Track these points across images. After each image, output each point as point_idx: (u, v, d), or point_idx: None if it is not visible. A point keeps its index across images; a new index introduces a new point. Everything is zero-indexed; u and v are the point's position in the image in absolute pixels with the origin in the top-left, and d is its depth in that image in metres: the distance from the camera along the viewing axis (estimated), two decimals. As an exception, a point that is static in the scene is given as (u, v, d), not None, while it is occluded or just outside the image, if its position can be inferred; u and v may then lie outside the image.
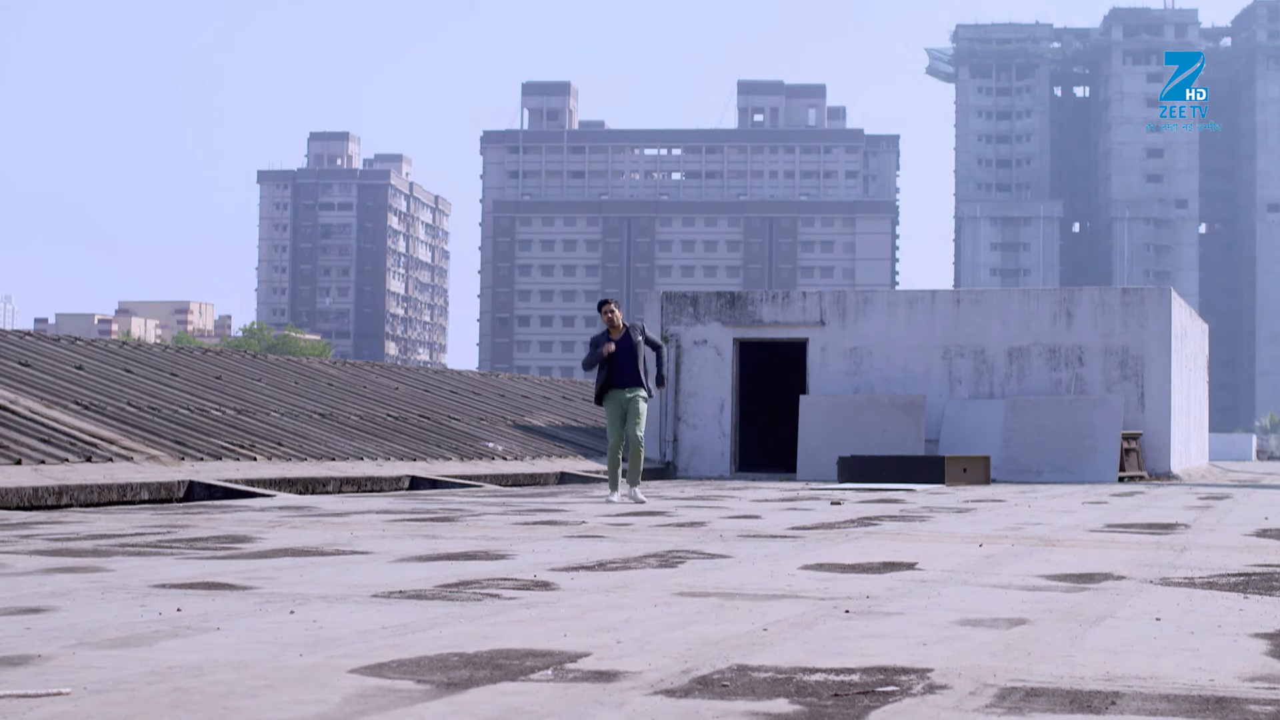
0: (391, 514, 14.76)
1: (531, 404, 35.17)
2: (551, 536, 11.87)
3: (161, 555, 9.56)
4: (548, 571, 8.73)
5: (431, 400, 31.47)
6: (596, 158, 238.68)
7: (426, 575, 8.39)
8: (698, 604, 7.16)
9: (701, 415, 32.02)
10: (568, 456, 28.76)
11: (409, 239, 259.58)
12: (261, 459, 20.89)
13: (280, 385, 28.24)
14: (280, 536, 11.34)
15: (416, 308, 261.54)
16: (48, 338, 27.14)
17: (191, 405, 23.60)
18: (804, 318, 32.36)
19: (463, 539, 11.37)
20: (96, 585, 7.70)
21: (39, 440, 18.37)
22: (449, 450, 25.76)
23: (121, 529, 11.98)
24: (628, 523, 13.88)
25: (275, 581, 7.96)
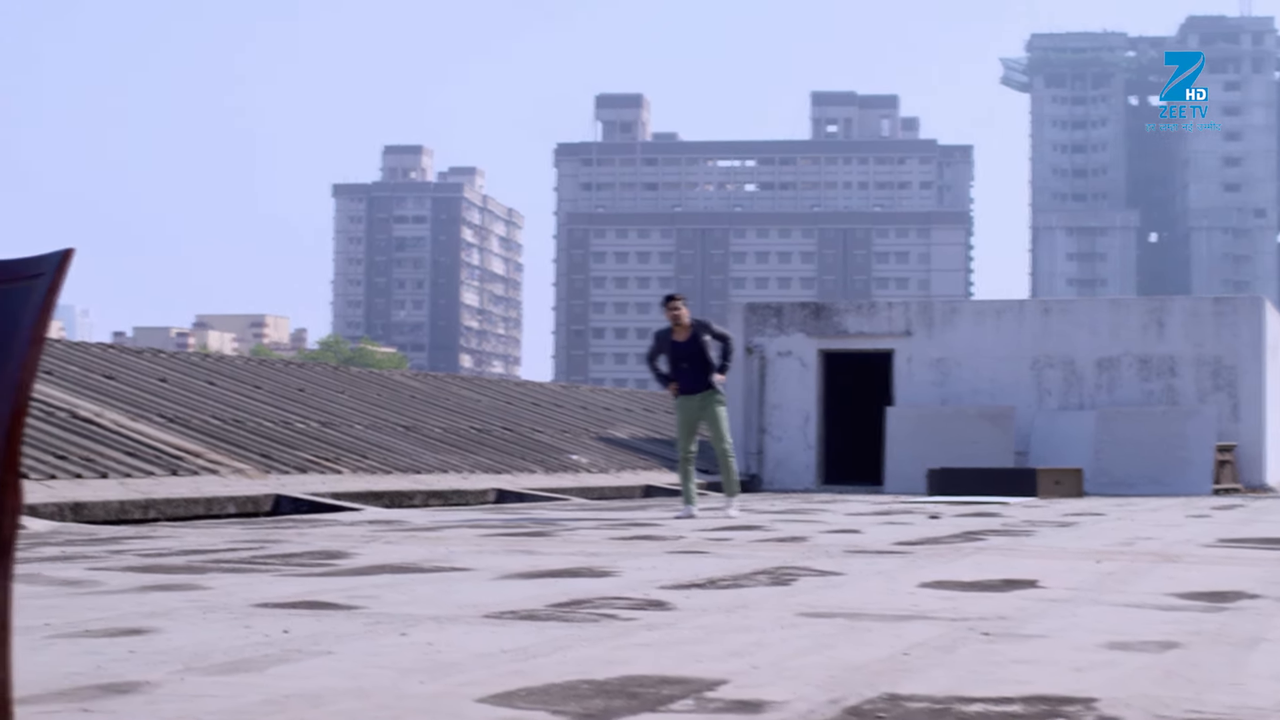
0: (483, 528, 14.48)
1: (613, 416, 34.89)
2: (652, 552, 11.55)
3: (258, 572, 9.30)
4: (659, 589, 8.41)
5: (514, 412, 31.23)
6: (670, 169, 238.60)
7: (535, 594, 8.08)
8: (825, 625, 6.83)
9: (786, 427, 31.65)
10: (652, 469, 28.46)
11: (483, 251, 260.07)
12: (347, 472, 20.67)
13: (363, 398, 28.05)
14: (375, 552, 11.06)
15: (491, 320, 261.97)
16: (131, 350, 27.03)
17: (275, 418, 23.42)
18: (889, 328, 31.95)
19: (562, 555, 11.07)
20: (196, 604, 7.42)
21: (125, 453, 18.19)
22: (533, 463, 25.49)
23: (213, 544, 11.73)
24: (727, 537, 13.55)
25: (380, 600, 7.67)
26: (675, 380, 17.53)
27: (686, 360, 17.51)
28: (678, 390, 17.52)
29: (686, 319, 17.59)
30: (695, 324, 17.63)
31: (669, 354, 17.59)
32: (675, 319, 17.54)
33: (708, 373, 17.54)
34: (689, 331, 17.55)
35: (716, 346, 17.79)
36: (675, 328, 17.54)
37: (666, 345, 17.62)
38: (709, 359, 17.57)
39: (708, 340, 17.59)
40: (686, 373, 17.53)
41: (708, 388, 17.53)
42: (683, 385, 17.53)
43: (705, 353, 17.57)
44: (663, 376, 17.69)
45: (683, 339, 17.53)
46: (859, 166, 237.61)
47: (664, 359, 17.72)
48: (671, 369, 17.58)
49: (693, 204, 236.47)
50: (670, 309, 17.62)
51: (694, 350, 17.53)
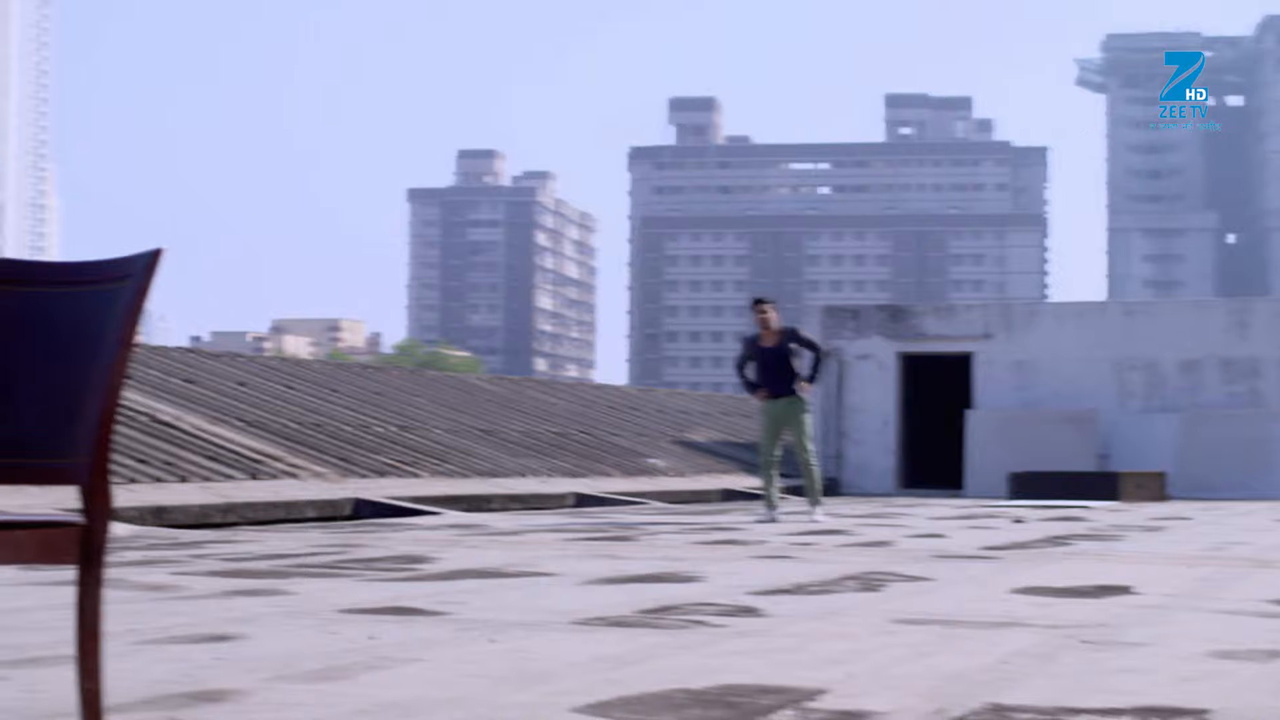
0: (565, 532, 14.39)
1: (690, 420, 34.76)
2: (737, 557, 11.43)
3: (341, 577, 9.23)
4: (747, 595, 8.28)
5: (591, 416, 31.15)
6: (743, 173, 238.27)
7: (622, 599, 7.98)
8: (920, 632, 6.69)
9: (865, 431, 31.46)
10: (730, 473, 28.32)
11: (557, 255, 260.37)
12: (426, 476, 20.63)
13: (440, 401, 28.03)
14: (458, 557, 10.99)
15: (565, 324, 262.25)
16: (210, 354, 27.10)
17: (354, 421, 23.41)
18: (969, 331, 31.71)
19: (646, 559, 10.96)
20: (281, 609, 7.35)
21: (205, 457, 18.20)
22: (611, 466, 25.40)
23: (295, 548, 11.68)
24: (811, 542, 13.41)
25: (466, 606, 7.57)
26: (763, 386, 17.37)
27: (774, 365, 17.33)
28: (766, 395, 17.36)
29: (775, 324, 17.42)
30: (784, 330, 17.47)
31: (757, 359, 17.44)
32: (763, 323, 17.38)
33: (794, 378, 17.34)
34: (777, 337, 17.38)
35: (805, 355, 17.55)
36: (763, 332, 17.39)
37: (754, 350, 17.48)
38: (796, 365, 17.38)
39: (795, 348, 17.40)
40: (773, 377, 17.33)
41: (793, 393, 17.34)
42: (769, 390, 17.35)
43: (792, 359, 17.38)
44: (750, 384, 17.52)
45: (770, 344, 17.36)
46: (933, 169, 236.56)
47: (752, 365, 17.57)
48: (760, 374, 17.40)
49: (766, 207, 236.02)
50: (758, 312, 17.47)
51: (781, 356, 17.35)
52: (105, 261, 4.04)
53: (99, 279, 4.00)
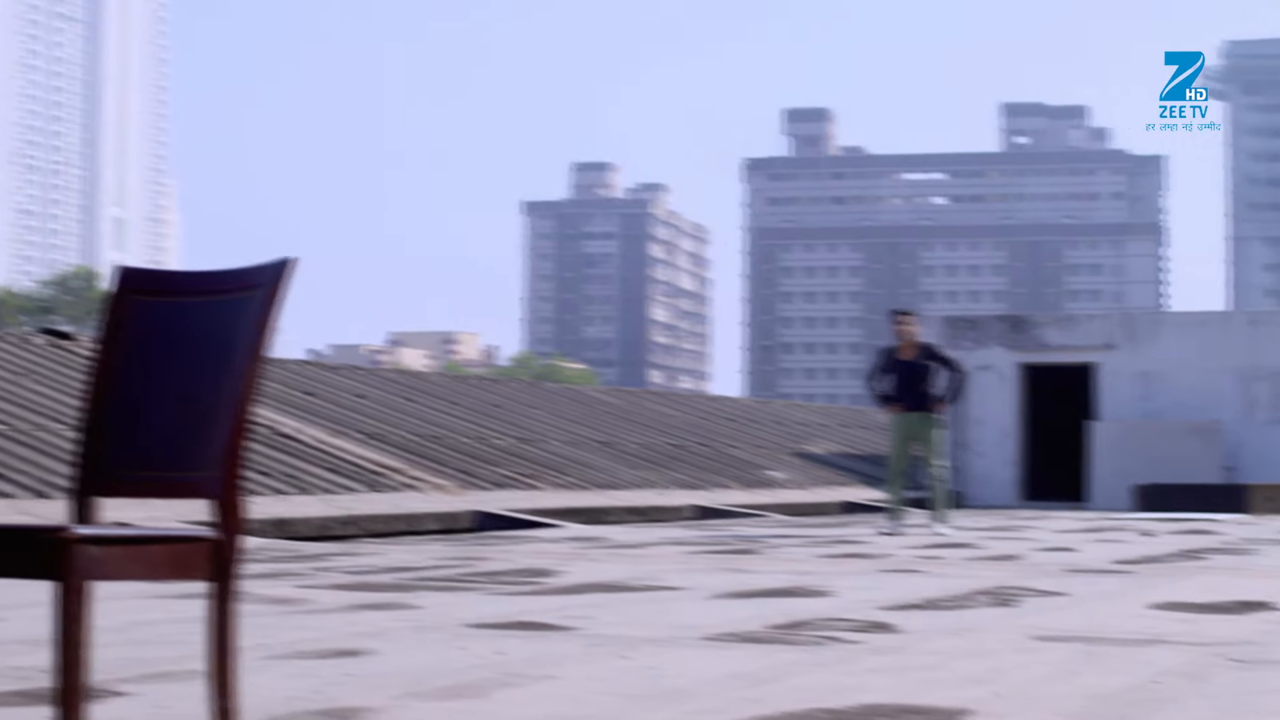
0: (686, 545, 14.27)
1: (809, 431, 34.55)
2: (863, 570, 11.26)
3: (466, 590, 9.14)
4: (878, 610, 8.12)
5: (708, 428, 31.01)
6: (857, 183, 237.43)
7: (752, 614, 7.84)
8: (1061, 650, 6.50)
9: (986, 442, 31.12)
10: (850, 485, 28.10)
11: (671, 267, 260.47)
12: (545, 488, 20.57)
13: (558, 413, 27.99)
14: (581, 570, 10.88)
15: (679, 336, 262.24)
16: (329, 367, 27.19)
17: (473, 434, 23.40)
18: (1090, 341, 31.31)
19: (772, 573, 10.81)
20: (408, 624, 7.26)
21: (326, 470, 18.23)
22: (730, 479, 25.25)
23: (417, 561, 11.62)
24: (938, 556, 13.22)
25: (594, 621, 7.46)
26: (897, 399, 17.16)
27: (910, 379, 17.11)
28: (899, 409, 17.15)
29: (914, 337, 17.23)
30: (922, 345, 17.27)
31: (893, 371, 17.23)
32: (903, 335, 17.19)
33: (928, 393, 17.13)
34: (915, 351, 17.18)
35: (943, 373, 17.28)
36: (902, 345, 17.19)
37: (890, 362, 17.26)
38: (932, 380, 17.16)
39: (930, 364, 17.17)
40: (907, 391, 17.11)
41: (927, 409, 17.12)
42: (903, 403, 17.14)
43: (929, 374, 17.17)
44: (883, 396, 17.30)
45: (908, 357, 17.15)
46: (1049, 178, 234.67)
47: (885, 377, 17.34)
48: (896, 386, 17.18)
49: (881, 218, 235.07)
50: (898, 324, 17.28)
51: (918, 370, 17.14)
52: (236, 270, 3.96)
53: (230, 288, 3.92)
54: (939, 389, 17.24)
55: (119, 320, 3.97)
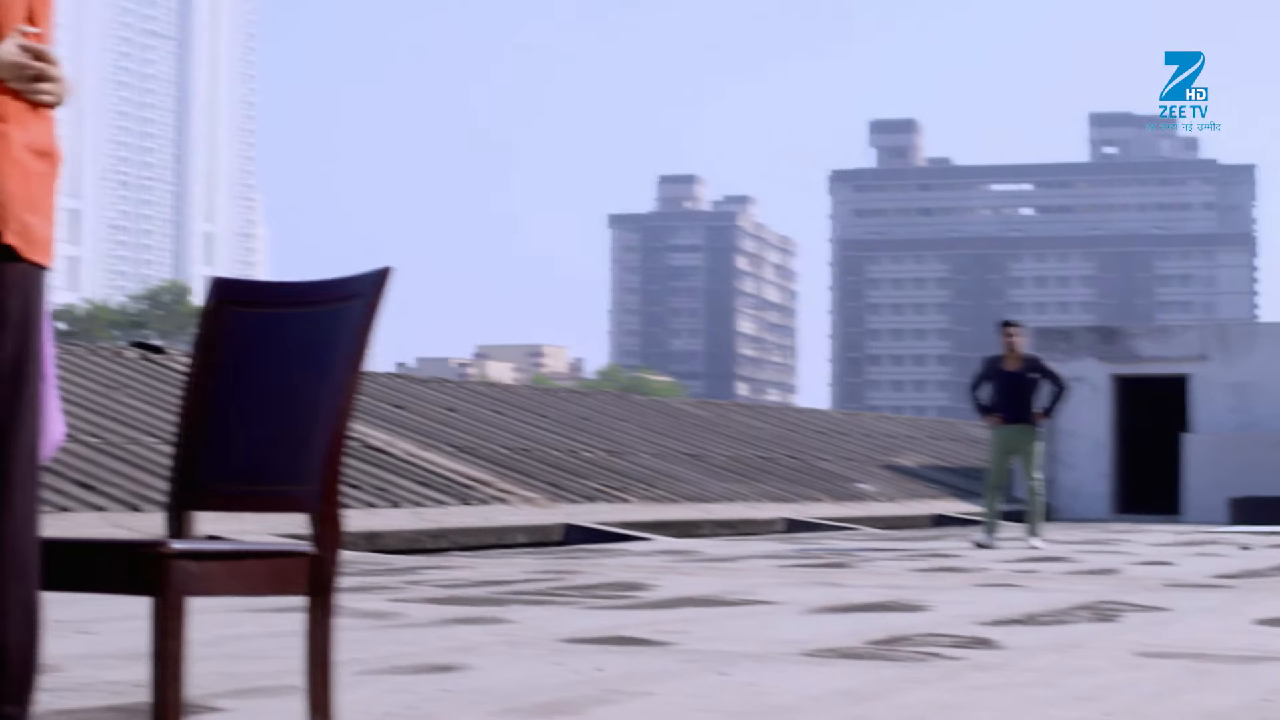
0: (778, 559, 14.16)
1: (898, 444, 34.34)
2: (959, 585, 11.12)
3: (559, 604, 9.07)
4: (977, 625, 7.99)
5: (797, 440, 30.87)
6: (944, 194, 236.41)
7: (850, 629, 7.72)
8: (1168, 666, 6.36)
9: (1078, 455, 30.80)
10: (940, 498, 27.89)
11: (757, 280, 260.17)
12: (635, 501, 20.50)
13: (647, 425, 27.92)
14: (674, 584, 10.79)
15: (765, 348, 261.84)
16: (418, 380, 27.22)
17: (562, 447, 23.36)
18: (1184, 352, 30.95)
19: (866, 587, 10.69)
20: (502, 638, 7.19)
21: (416, 483, 18.22)
22: (820, 491, 25.11)
23: (509, 574, 11.56)
24: (1033, 569, 13.06)
25: (690, 636, 7.37)
26: (997, 410, 16.99)
27: (1013, 391, 16.94)
28: (998, 420, 16.98)
29: (1020, 348, 17.09)
30: (1028, 357, 17.11)
31: (996, 381, 17.06)
32: (1009, 346, 17.03)
33: (1030, 406, 16.96)
34: (1021, 362, 17.02)
35: (1046, 387, 17.10)
36: (1007, 355, 17.02)
37: (994, 372, 17.09)
38: (1035, 393, 17.00)
39: (1036, 377, 17.00)
40: (1010, 403, 16.94)
41: (1027, 421, 16.95)
42: (1005, 415, 16.97)
43: (1032, 386, 17.00)
44: (983, 406, 17.14)
45: (1013, 369, 16.98)
46: (1138, 188, 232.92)
47: (986, 387, 17.17)
48: (997, 397, 17.01)
49: (968, 229, 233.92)
50: (1006, 334, 17.13)
51: (1023, 382, 16.96)
52: (334, 280, 3.90)
53: (327, 298, 3.86)
54: (1040, 402, 17.07)
55: (215, 332, 3.92)
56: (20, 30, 3.07)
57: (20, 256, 3.02)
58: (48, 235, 3.09)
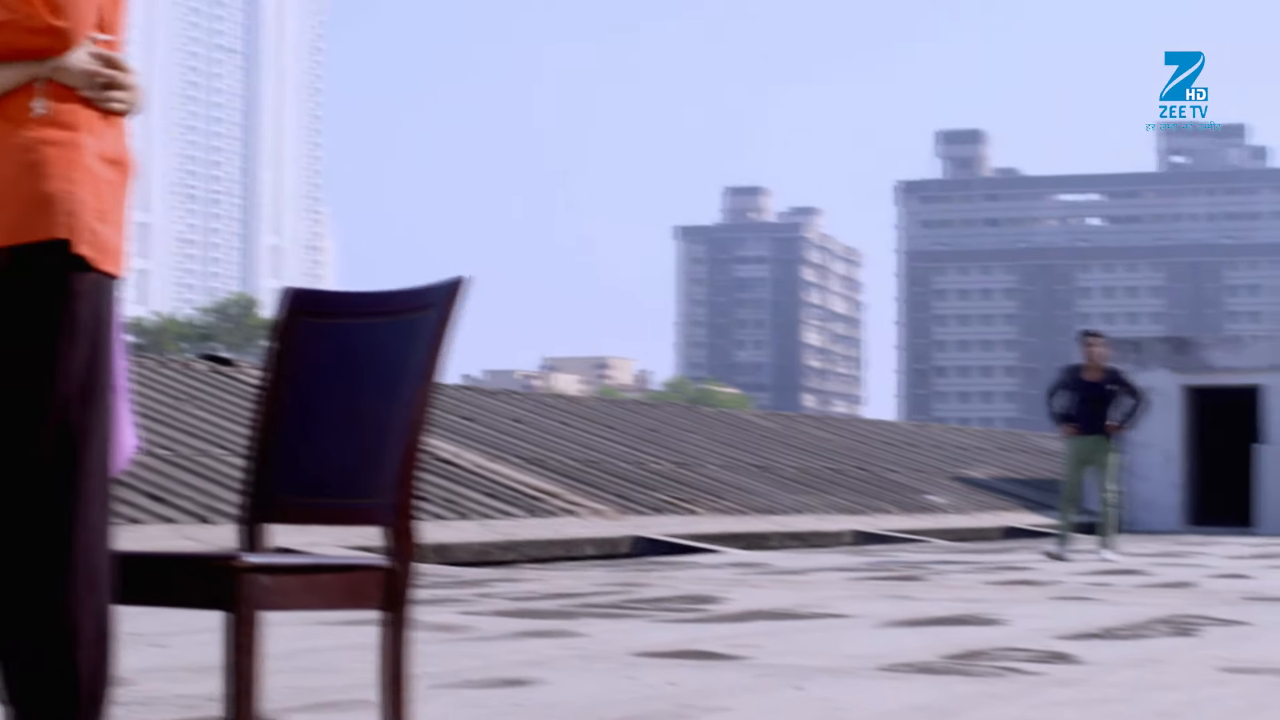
0: (849, 571, 14.06)
1: (967, 455, 34.14)
2: (1033, 598, 11.00)
3: (630, 617, 9.01)
4: (1054, 639, 7.88)
5: (865, 451, 30.72)
6: (1011, 205, 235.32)
7: (924, 643, 7.63)
8: (1253, 682, 6.25)
9: (1150, 466, 30.52)
10: (1010, 510, 27.69)
11: (823, 291, 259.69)
12: (703, 513, 20.42)
13: (714, 437, 27.84)
14: (745, 596, 10.71)
15: (832, 360, 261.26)
16: (487, 391, 27.22)
17: (630, 458, 23.31)
18: (1257, 362, 30.64)
19: (939, 600, 10.58)
20: (574, 652, 7.13)
21: (484, 495, 18.20)
22: (889, 503, 24.97)
23: (579, 587, 11.50)
24: (1107, 582, 12.91)
25: (763, 650, 7.29)
26: (1073, 420, 16.84)
27: (1091, 401, 16.79)
28: (1074, 430, 16.84)
29: (1101, 359, 16.95)
30: (1109, 369, 16.97)
31: (1075, 390, 16.91)
32: (1090, 356, 16.91)
33: (1107, 418, 16.80)
34: (1101, 373, 16.88)
35: (1124, 401, 16.94)
36: (1087, 366, 16.89)
37: (1074, 381, 16.95)
38: (1113, 405, 16.84)
39: (1115, 390, 16.85)
40: (1087, 413, 16.80)
41: (1103, 432, 16.80)
42: (1081, 425, 16.82)
43: (1111, 398, 16.84)
44: (1059, 415, 16.99)
45: (1093, 379, 16.84)
46: (1207, 198, 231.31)
47: (1064, 395, 17.02)
48: (1074, 407, 16.87)
49: (1036, 239, 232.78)
50: (1087, 344, 17.03)
51: (1101, 393, 16.81)
52: (408, 290, 3.85)
53: (401, 308, 3.81)
54: (1118, 414, 16.89)
55: (288, 342, 3.88)
56: (92, 37, 3.03)
57: (92, 266, 2.98)
58: (119, 245, 3.05)
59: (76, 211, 2.95)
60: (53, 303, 2.94)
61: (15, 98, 2.96)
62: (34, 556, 2.93)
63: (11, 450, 2.93)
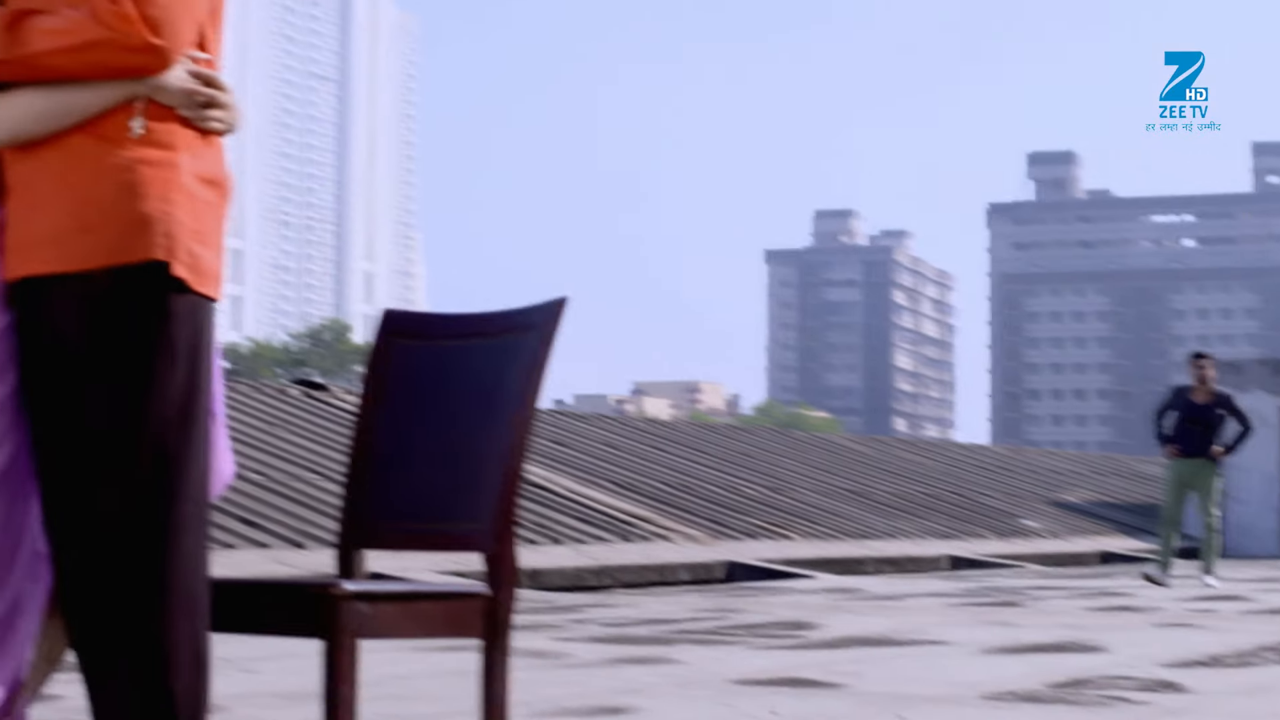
0: (946, 597, 13.91)
1: (1062, 479, 33.81)
2: (1135, 625, 10.83)
3: (725, 644, 8.92)
4: (1159, 667, 7.73)
5: (959, 476, 30.48)
6: (1105, 227, 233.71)
7: (1027, 671, 7.50)
8: (1368, 712, 6.10)
9: (1249, 490, 30.11)
10: (1107, 535, 27.40)
11: (914, 314, 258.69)
12: (797, 538, 20.30)
13: (807, 462, 27.69)
14: (841, 623, 10.60)
15: (923, 383, 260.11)
16: (578, 416, 27.18)
17: (722, 483, 23.21)
18: (1359, 384, 30.20)
19: (1039, 626, 10.44)
20: (671, 680, 7.05)
21: (577, 519, 18.14)
22: (984, 528, 24.74)
23: (673, 613, 11.42)
24: (1210, 609, 12.71)
25: (862, 677, 7.18)
26: (1177, 442, 16.63)
27: (1198, 424, 16.58)
28: (1176, 452, 16.63)
29: (1211, 381, 16.73)
30: (1219, 393, 16.73)
31: (1181, 412, 16.70)
32: (1201, 379, 16.70)
33: (1213, 442, 16.58)
34: (1210, 396, 16.66)
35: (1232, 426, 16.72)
36: (1197, 387, 16.67)
37: (1181, 403, 16.75)
38: (1219, 430, 16.61)
39: (1223, 415, 16.61)
40: (1193, 436, 16.57)
41: (1207, 456, 16.56)
42: (1184, 447, 16.59)
43: (1218, 423, 16.62)
44: (1164, 436, 16.79)
45: (1201, 401, 16.62)
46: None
47: (1171, 416, 16.83)
48: (1177, 428, 16.66)
49: (1129, 261, 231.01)
50: (1197, 366, 16.82)
51: (1209, 417, 16.60)
52: (506, 312, 3.80)
53: (500, 330, 3.75)
54: (1222, 439, 16.65)
55: (385, 365, 3.82)
56: (190, 55, 2.99)
57: (189, 289, 2.93)
58: (217, 267, 3.01)
59: (174, 233, 2.91)
60: (150, 325, 2.90)
61: (113, 117, 2.93)
62: (130, 582, 2.89)
63: (109, 474, 2.89)
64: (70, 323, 2.90)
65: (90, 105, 2.92)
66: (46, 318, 2.91)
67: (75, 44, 2.88)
